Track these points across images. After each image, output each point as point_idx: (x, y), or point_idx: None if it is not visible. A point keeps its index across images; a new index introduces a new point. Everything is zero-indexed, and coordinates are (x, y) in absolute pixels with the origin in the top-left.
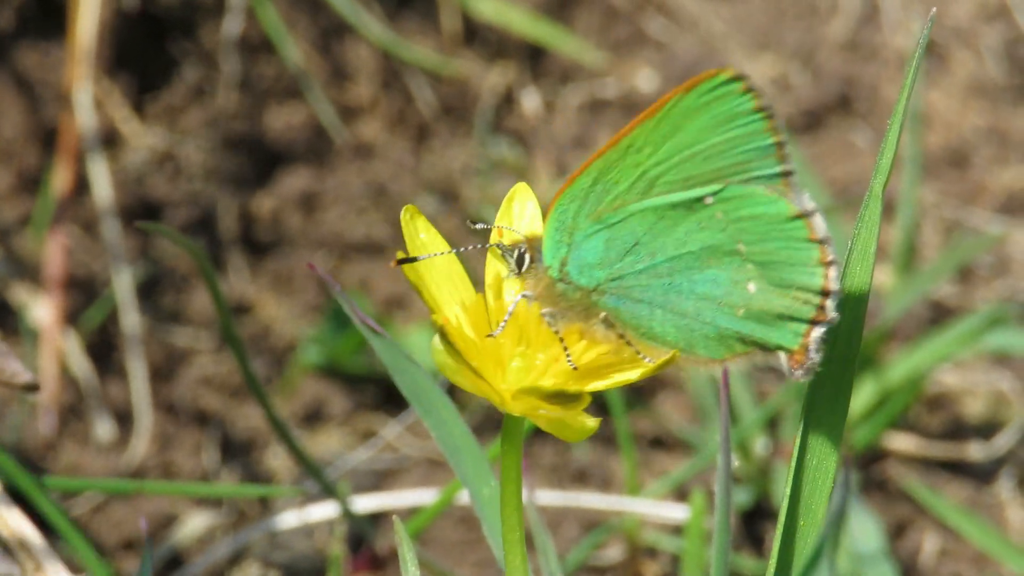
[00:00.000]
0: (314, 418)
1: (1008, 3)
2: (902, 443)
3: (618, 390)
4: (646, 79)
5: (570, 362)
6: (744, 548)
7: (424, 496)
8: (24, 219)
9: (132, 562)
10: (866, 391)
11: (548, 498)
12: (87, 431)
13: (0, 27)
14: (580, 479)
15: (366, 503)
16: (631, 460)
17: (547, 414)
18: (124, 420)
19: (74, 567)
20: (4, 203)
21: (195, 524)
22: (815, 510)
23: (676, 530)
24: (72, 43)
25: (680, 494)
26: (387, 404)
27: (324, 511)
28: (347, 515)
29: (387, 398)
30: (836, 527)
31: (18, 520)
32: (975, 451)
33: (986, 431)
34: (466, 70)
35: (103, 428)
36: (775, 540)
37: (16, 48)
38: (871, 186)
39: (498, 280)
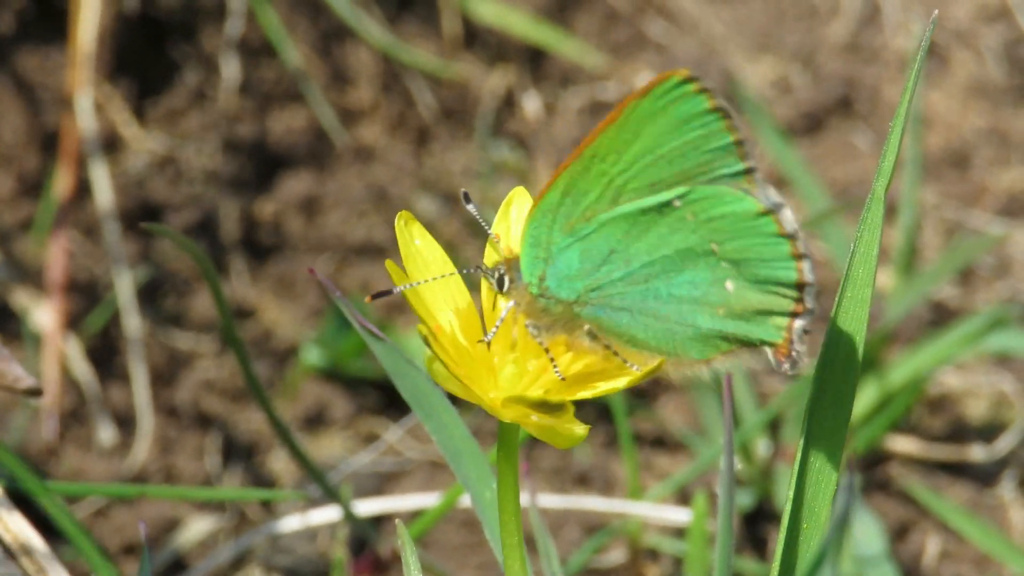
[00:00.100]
0: (316, 421)
1: (1009, 4)
2: (904, 445)
3: (620, 393)
4: (646, 81)
5: (557, 372)
6: (746, 550)
7: (426, 499)
8: (25, 223)
9: (134, 566)
10: (867, 393)
11: (550, 501)
12: (89, 435)
13: (0, 31)
14: (581, 482)
15: (368, 507)
16: (633, 463)
17: (537, 421)
18: (126, 424)
19: (76, 571)
20: (5, 207)
21: (197, 528)
22: (818, 513)
23: (678, 533)
24: (73, 47)
25: (682, 497)
26: (389, 407)
27: (326, 515)
28: (349, 518)
29: (389, 401)
30: (839, 531)
31: (20, 524)
32: (977, 453)
33: (988, 433)
34: (466, 73)
35: (105, 432)
36: (778, 544)
37: (17, 52)
38: (873, 189)
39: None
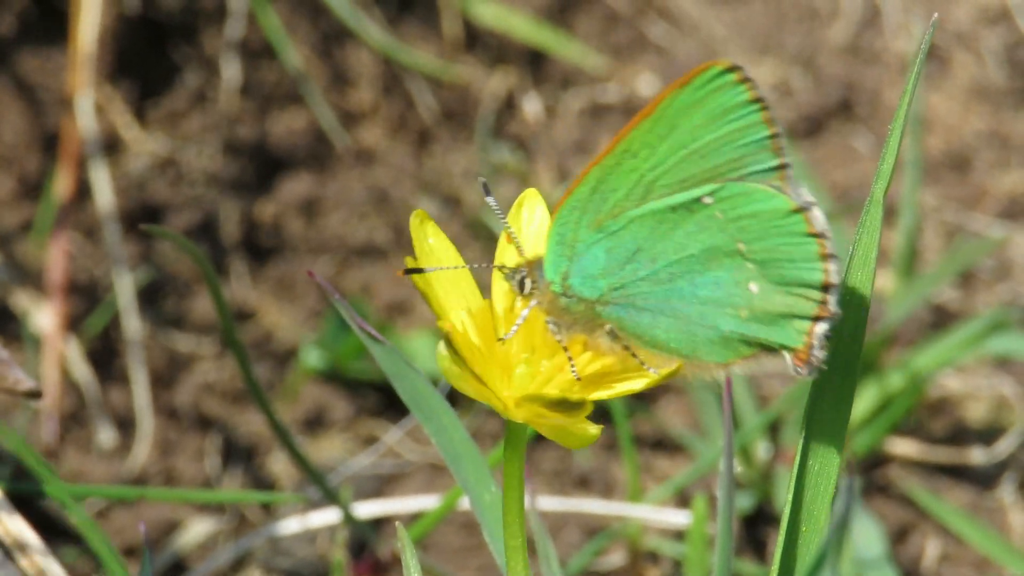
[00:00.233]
0: (316, 424)
1: (1009, 7)
2: (904, 448)
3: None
4: (647, 84)
5: (574, 372)
6: (745, 553)
7: (426, 502)
8: (26, 225)
9: (134, 568)
10: (867, 396)
11: (550, 504)
12: (89, 437)
13: (1, 32)
14: (582, 484)
15: (368, 509)
16: (633, 465)
17: (550, 421)
18: (126, 426)
19: (76, 574)
20: (5, 209)
21: (197, 530)
22: (817, 516)
23: (678, 535)
24: (73, 48)
25: (682, 499)
26: (389, 410)
27: (326, 517)
28: (349, 521)
29: (389, 403)
30: (839, 534)
31: (20, 526)
32: (977, 455)
33: (988, 436)
34: (467, 75)
35: (105, 434)
36: (777, 546)
37: (17, 53)
38: (872, 191)
39: (504, 288)
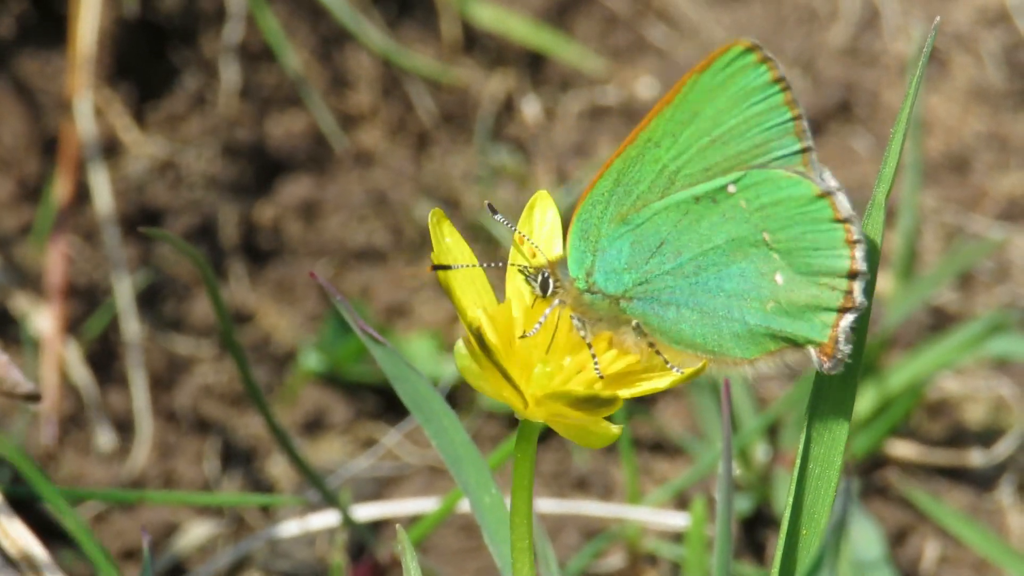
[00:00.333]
0: (315, 426)
1: (1008, 9)
2: (903, 450)
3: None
4: (646, 86)
5: (597, 370)
6: (744, 555)
7: (425, 504)
8: (25, 228)
9: (133, 571)
10: (867, 398)
11: (549, 506)
12: (88, 440)
13: (1, 36)
14: (581, 487)
15: (367, 511)
16: (632, 467)
17: (570, 420)
18: (125, 429)
19: None
20: (5, 212)
21: (196, 533)
22: (817, 519)
23: (677, 537)
24: (72, 51)
25: (680, 501)
26: (388, 412)
27: (325, 519)
28: (348, 523)
29: (388, 406)
30: (838, 536)
31: (20, 530)
32: (976, 458)
33: (987, 438)
34: (466, 78)
35: (104, 437)
36: (777, 549)
37: (17, 56)
38: (874, 195)
39: (519, 288)
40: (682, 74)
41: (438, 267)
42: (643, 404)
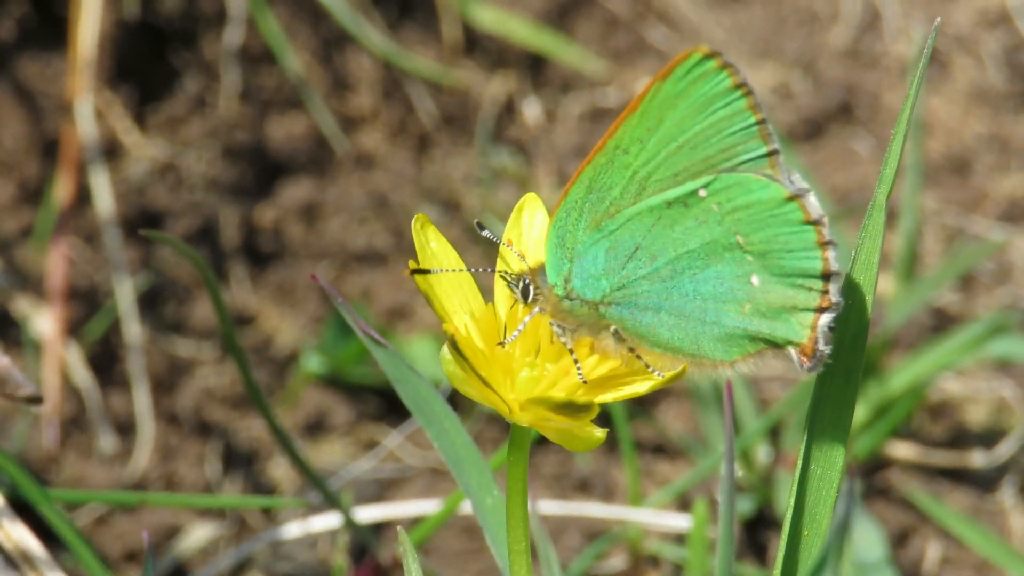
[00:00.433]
0: (316, 428)
1: (1009, 10)
2: (904, 451)
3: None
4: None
5: (580, 376)
6: (746, 556)
7: (427, 506)
8: (26, 230)
9: (135, 574)
10: (868, 399)
11: (550, 507)
12: (89, 443)
13: (1, 38)
14: (582, 488)
15: (369, 513)
16: (633, 469)
17: (555, 425)
18: (126, 431)
19: None
20: (5, 214)
21: (198, 535)
22: (819, 520)
23: (679, 539)
24: (73, 54)
25: (682, 503)
26: (389, 414)
27: (327, 521)
28: (350, 525)
29: (389, 408)
30: (840, 537)
31: (22, 533)
32: (977, 459)
33: (988, 439)
34: (467, 79)
35: (105, 440)
36: (779, 550)
37: (17, 59)
38: (875, 196)
39: (507, 292)
40: None
41: (416, 271)
42: (644, 406)
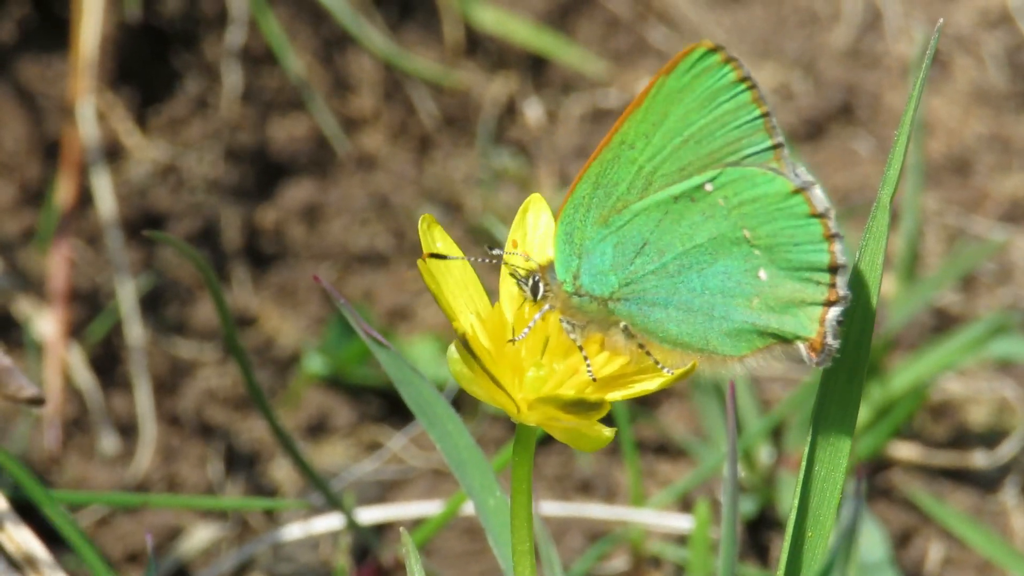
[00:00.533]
0: (319, 430)
1: (1010, 10)
2: (906, 451)
3: (622, 400)
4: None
5: (590, 373)
6: (749, 557)
7: (429, 507)
8: (27, 232)
9: (137, 575)
10: (870, 400)
11: (552, 508)
12: (92, 444)
13: (3, 40)
14: (584, 489)
15: (371, 515)
16: (635, 470)
17: (563, 424)
18: (128, 433)
19: None
20: (7, 216)
21: (200, 537)
22: (823, 521)
23: (681, 540)
24: (75, 56)
25: (684, 504)
26: (392, 415)
27: (329, 523)
28: (352, 527)
29: (392, 409)
30: (848, 541)
31: (24, 534)
32: (979, 459)
33: (990, 439)
34: (468, 81)
35: (108, 441)
36: (783, 551)
37: (19, 61)
38: (879, 197)
39: (513, 292)
40: None
41: (434, 255)
42: (646, 406)
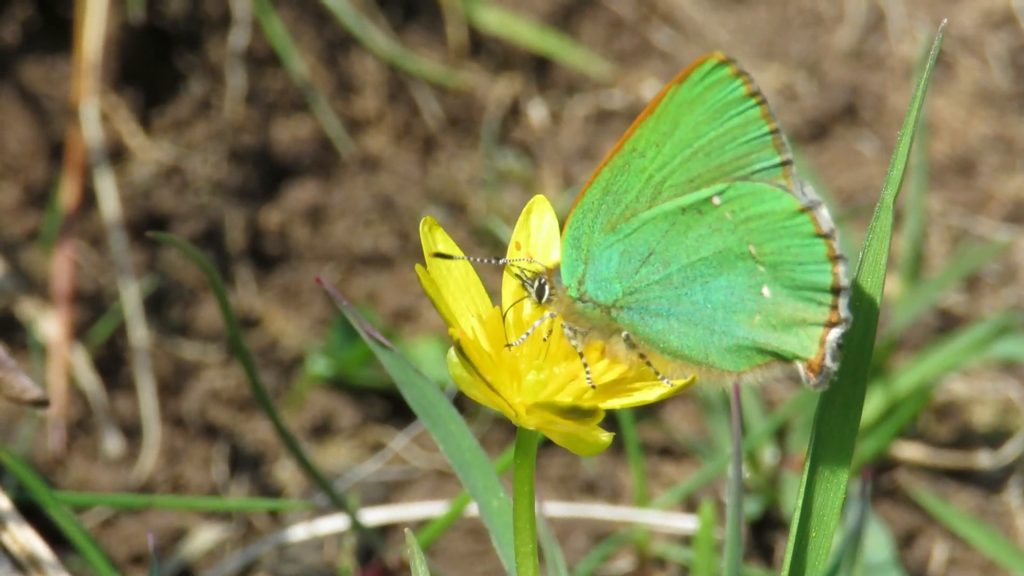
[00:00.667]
0: (323, 431)
1: (1014, 11)
2: (911, 452)
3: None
4: (652, 89)
5: (589, 380)
6: (753, 558)
7: (433, 508)
8: (32, 234)
9: None
10: (874, 400)
11: (557, 509)
12: (96, 446)
13: (6, 41)
14: (589, 490)
15: (375, 516)
16: (640, 471)
17: (561, 428)
18: (133, 434)
19: None
20: (11, 218)
21: (204, 538)
22: (827, 522)
23: (685, 541)
24: (78, 57)
25: (689, 505)
26: (395, 416)
27: (333, 524)
28: (356, 528)
29: (395, 410)
30: (854, 542)
31: (28, 535)
32: (984, 459)
33: (994, 439)
34: (472, 82)
35: (112, 442)
36: (787, 552)
37: (22, 62)
38: (882, 197)
39: (515, 294)
40: None
41: (438, 255)
42: (651, 408)
